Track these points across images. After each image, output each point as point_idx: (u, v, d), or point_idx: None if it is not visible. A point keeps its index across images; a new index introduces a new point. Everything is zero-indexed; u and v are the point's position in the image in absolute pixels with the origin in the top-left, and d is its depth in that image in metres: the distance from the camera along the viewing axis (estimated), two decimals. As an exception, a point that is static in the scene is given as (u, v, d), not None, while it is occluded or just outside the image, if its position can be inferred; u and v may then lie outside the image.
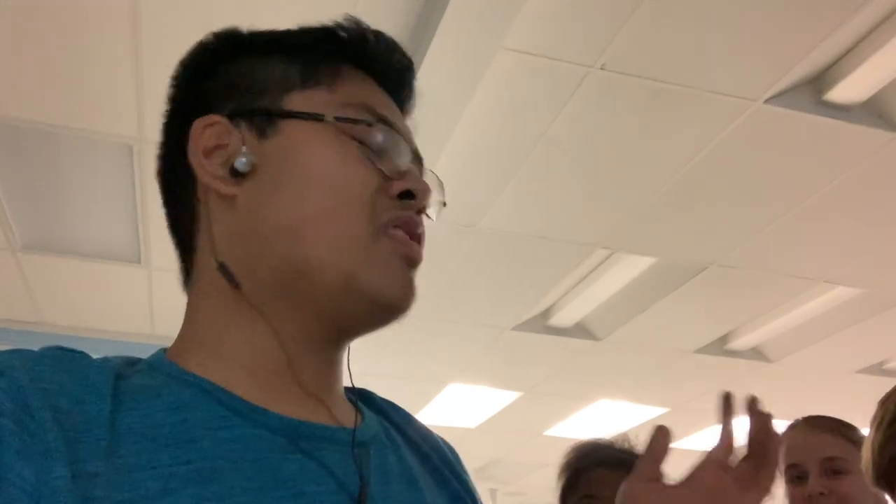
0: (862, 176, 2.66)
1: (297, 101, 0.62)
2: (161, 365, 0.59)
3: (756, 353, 4.20)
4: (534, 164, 2.63)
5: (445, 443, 0.74)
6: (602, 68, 2.23)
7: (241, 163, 0.61)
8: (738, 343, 4.10)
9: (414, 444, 0.69)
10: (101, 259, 3.09)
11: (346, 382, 0.68)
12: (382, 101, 0.66)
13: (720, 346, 4.14)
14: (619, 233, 3.04)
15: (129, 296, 3.52)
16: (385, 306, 0.60)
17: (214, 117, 0.63)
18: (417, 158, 0.67)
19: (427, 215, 0.65)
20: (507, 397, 4.97)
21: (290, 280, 0.59)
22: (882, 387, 4.86)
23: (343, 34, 0.66)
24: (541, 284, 3.51)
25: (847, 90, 2.33)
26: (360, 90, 0.65)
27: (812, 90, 2.36)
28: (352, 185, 0.60)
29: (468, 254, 3.19)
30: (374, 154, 0.62)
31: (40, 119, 2.38)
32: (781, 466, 1.50)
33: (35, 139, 2.50)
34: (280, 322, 0.60)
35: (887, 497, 1.22)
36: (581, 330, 4.08)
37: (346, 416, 0.63)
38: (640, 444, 1.47)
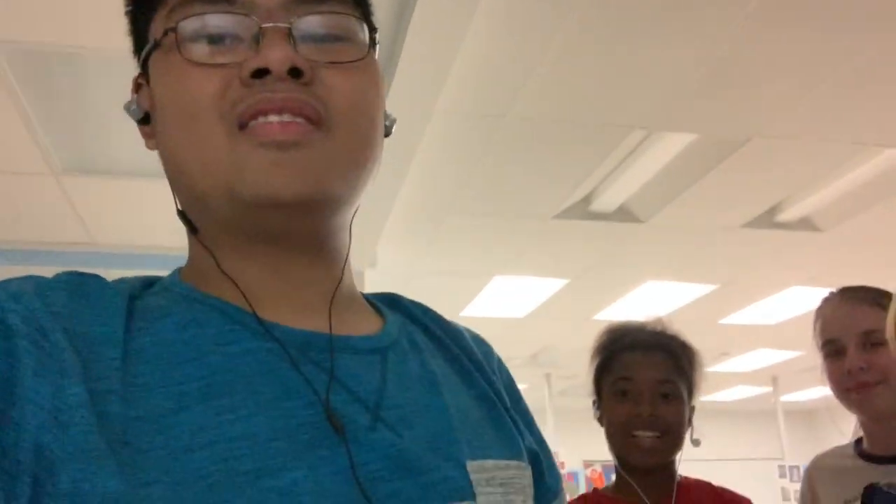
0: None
1: (153, 34, 0.59)
2: (174, 285, 0.60)
3: (806, 224, 4.11)
4: (560, 47, 2.53)
5: (480, 341, 0.73)
6: None
7: (132, 111, 0.62)
8: (786, 215, 4.01)
9: (443, 346, 0.68)
10: (142, 176, 3.13)
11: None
12: None
13: (769, 219, 4.06)
14: (656, 112, 2.95)
15: (173, 210, 3.57)
16: (268, 203, 0.55)
17: (139, 72, 0.63)
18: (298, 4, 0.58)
19: (298, 74, 0.56)
20: (553, 285, 5.00)
21: (200, 209, 0.59)
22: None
23: None
24: (579, 170, 3.45)
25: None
26: None
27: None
28: (191, 99, 0.56)
29: (502, 144, 3.14)
30: (212, 50, 0.56)
31: (62, 41, 2.37)
32: (818, 341, 1.47)
33: (60, 63, 2.50)
34: (235, 252, 0.59)
35: None
36: (624, 213, 4.04)
37: (365, 323, 0.63)
38: (672, 326, 1.47)
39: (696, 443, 1.42)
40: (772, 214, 4.04)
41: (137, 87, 0.63)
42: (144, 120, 0.62)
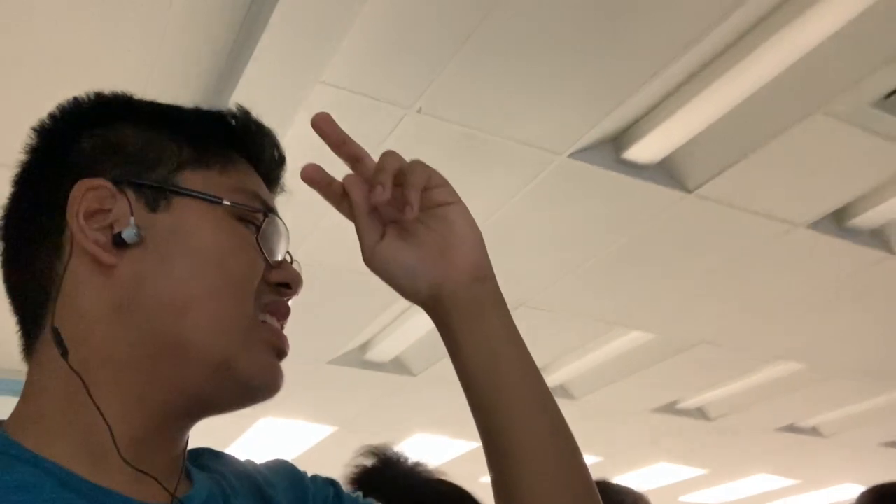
0: (656, 230, 2.87)
1: (191, 179, 0.62)
2: (1, 442, 0.56)
3: (562, 391, 4.40)
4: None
5: (261, 465, 0.75)
6: (419, 111, 2.28)
7: (129, 234, 0.59)
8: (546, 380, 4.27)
9: (245, 483, 0.69)
10: None
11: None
12: (266, 192, 0.69)
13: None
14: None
15: None
16: (255, 392, 0.62)
17: (100, 181, 0.60)
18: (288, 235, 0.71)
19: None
20: (321, 431, 4.90)
21: (157, 355, 0.58)
22: (674, 424, 5.21)
23: (232, 121, 0.68)
24: (358, 319, 3.50)
25: (643, 150, 2.52)
26: (248, 178, 0.67)
27: (612, 148, 2.53)
28: (242, 270, 0.62)
29: (283, 285, 3.13)
30: (262, 242, 0.64)
31: None
32: None
33: None
34: (120, 397, 0.58)
35: None
36: (398, 365, 4.11)
37: (182, 486, 0.63)
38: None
39: None
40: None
41: (125, 203, 0.61)
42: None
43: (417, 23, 2.01)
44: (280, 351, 0.64)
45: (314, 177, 0.67)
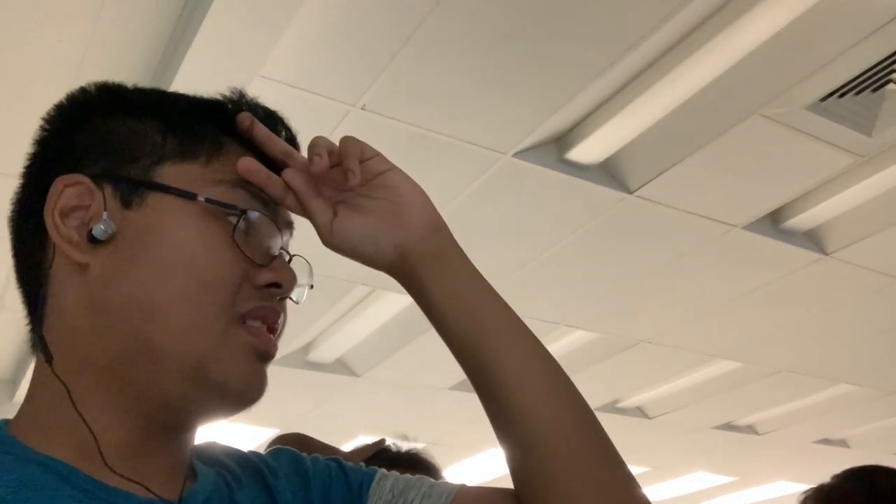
0: (598, 230, 2.90)
1: (169, 173, 0.60)
2: (3, 441, 0.55)
3: (506, 391, 4.41)
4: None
5: (265, 454, 0.74)
6: (363, 108, 2.26)
7: (99, 230, 0.57)
8: (490, 381, 4.28)
9: (249, 473, 0.68)
10: None
11: None
12: (265, 180, 0.65)
13: (470, 386, 4.29)
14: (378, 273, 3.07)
15: None
16: (232, 399, 0.59)
17: (78, 177, 0.59)
18: (289, 230, 0.69)
19: (292, 298, 0.66)
20: (262, 434, 4.82)
21: (129, 359, 0.56)
22: (615, 423, 5.30)
23: (230, 107, 0.65)
24: (301, 319, 3.45)
25: (585, 151, 2.54)
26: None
27: (556, 148, 2.55)
28: (214, 271, 0.58)
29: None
30: (243, 238, 0.60)
31: None
32: None
33: None
34: (100, 403, 0.56)
35: None
36: (341, 365, 4.07)
37: (187, 483, 0.62)
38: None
39: None
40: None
41: (99, 199, 0.59)
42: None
43: (361, 18, 1.98)
44: (263, 354, 0.61)
45: (252, 169, 0.63)
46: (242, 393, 0.60)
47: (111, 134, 0.61)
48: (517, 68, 2.17)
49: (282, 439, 1.35)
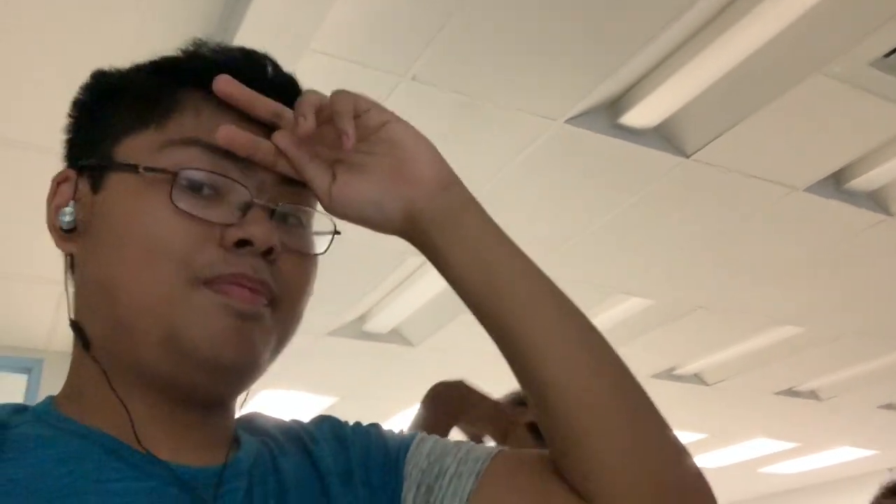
0: (654, 196, 2.86)
1: (125, 149, 0.59)
2: (48, 415, 0.57)
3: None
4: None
5: (308, 423, 0.72)
6: (413, 79, 2.25)
7: (62, 220, 0.59)
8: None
9: (291, 441, 0.68)
10: None
11: None
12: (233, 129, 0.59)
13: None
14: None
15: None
16: (206, 363, 0.56)
17: (67, 172, 0.62)
18: (283, 182, 0.61)
19: (273, 252, 0.59)
20: (322, 402, 4.92)
21: (116, 341, 0.57)
22: (672, 390, 5.23)
23: (183, 58, 0.63)
24: (356, 290, 3.49)
25: (639, 116, 2.49)
26: (195, 121, 0.59)
27: (609, 114, 2.51)
28: (159, 240, 0.56)
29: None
30: (193, 200, 0.56)
31: None
32: None
33: None
34: (126, 383, 0.58)
35: None
36: (396, 335, 4.11)
37: (231, 452, 0.62)
38: None
39: None
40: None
41: (72, 189, 0.60)
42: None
43: (409, -12, 1.97)
44: (238, 312, 0.56)
45: (233, 138, 0.57)
46: (216, 356, 0.56)
47: (92, 122, 0.63)
48: (568, 33, 2.13)
49: (444, 385, 1.43)
